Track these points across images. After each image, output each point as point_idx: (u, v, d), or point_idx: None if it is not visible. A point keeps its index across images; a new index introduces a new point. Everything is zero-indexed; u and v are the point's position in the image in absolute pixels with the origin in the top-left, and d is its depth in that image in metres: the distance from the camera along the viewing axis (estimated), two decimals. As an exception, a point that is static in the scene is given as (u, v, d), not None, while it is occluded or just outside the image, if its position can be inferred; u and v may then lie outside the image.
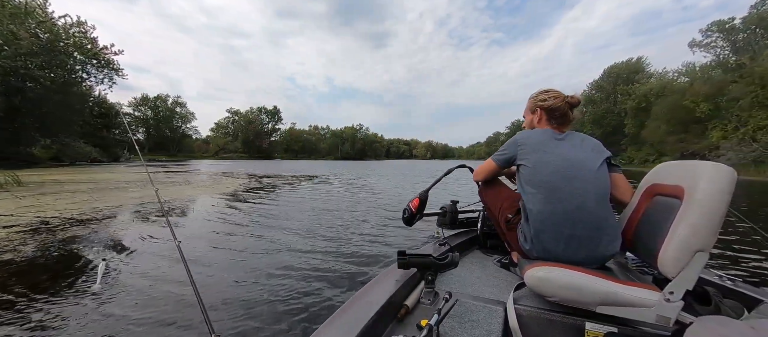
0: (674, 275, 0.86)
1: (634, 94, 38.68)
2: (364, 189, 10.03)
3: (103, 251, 3.23)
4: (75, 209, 5.41)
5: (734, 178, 0.86)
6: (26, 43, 19.11)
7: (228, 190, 8.91)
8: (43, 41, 21.13)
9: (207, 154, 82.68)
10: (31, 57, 19.85)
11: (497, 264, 1.58)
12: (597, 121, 47.23)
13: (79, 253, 3.16)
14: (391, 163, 58.42)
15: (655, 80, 39.25)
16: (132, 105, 70.91)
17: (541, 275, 1.00)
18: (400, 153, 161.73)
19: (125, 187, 9.10)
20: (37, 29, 21.09)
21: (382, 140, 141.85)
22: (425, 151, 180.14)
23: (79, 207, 5.56)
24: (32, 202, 5.98)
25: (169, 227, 1.38)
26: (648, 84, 38.20)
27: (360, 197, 7.97)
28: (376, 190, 9.88)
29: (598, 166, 1.16)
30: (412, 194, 2.27)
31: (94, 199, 6.54)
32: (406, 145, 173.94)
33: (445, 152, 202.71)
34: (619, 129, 43.05)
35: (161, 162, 39.98)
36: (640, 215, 1.13)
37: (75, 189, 8.20)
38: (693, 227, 0.85)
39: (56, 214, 4.93)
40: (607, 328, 0.94)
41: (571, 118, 1.35)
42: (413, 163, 71.80)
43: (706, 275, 1.22)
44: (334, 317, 0.88)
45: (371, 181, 13.37)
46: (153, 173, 16.20)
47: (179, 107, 76.57)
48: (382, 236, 3.99)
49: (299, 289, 2.35)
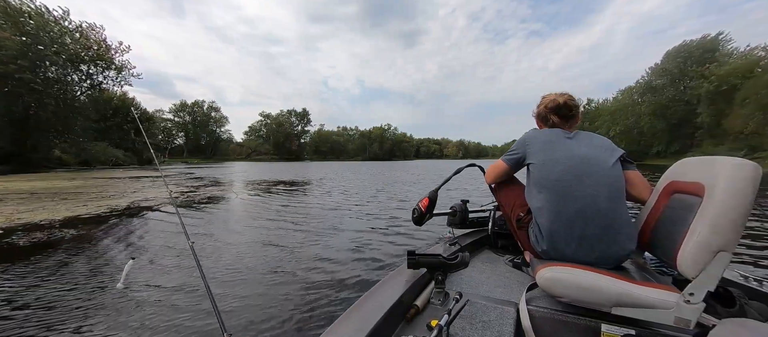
0: (694, 276, 0.82)
1: (711, 76, 31.25)
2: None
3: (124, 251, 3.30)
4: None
5: (759, 174, 0.82)
6: (14, 44, 18.49)
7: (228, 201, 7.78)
8: (37, 41, 20.44)
9: (241, 157, 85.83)
10: (21, 58, 19.25)
11: (509, 264, 1.57)
12: (660, 112, 39.65)
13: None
14: (416, 163, 55.83)
15: (737, 59, 31.76)
16: (172, 111, 75.47)
17: (552, 275, 0.96)
18: (431, 153, 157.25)
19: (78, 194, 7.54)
20: (34, 31, 20.42)
21: (411, 140, 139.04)
22: (457, 150, 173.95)
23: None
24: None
25: (183, 228, 1.35)
26: (731, 64, 30.86)
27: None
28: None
29: (612, 164, 1.12)
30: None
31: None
32: (436, 144, 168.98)
33: (479, 151, 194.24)
34: (690, 120, 35.62)
35: (193, 164, 41.26)
36: (659, 214, 1.08)
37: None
38: (713, 225, 0.81)
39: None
40: (624, 330, 0.89)
41: (569, 115, 1.33)
42: (435, 162, 69.94)
43: (731, 276, 1.17)
44: (344, 317, 0.88)
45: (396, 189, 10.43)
46: (167, 176, 15.97)
47: (214, 112, 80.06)
48: (392, 236, 3.99)
49: (310, 289, 2.37)
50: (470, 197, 2.01)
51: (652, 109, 39.91)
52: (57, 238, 3.73)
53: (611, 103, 55.18)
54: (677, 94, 38.02)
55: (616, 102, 52.81)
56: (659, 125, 39.47)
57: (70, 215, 5.21)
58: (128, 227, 4.41)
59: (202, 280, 1.01)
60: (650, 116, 40.05)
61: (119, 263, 2.87)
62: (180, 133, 76.97)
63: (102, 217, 5.09)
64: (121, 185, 10.70)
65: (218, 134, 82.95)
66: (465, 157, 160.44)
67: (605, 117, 52.22)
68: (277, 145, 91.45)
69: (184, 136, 77.30)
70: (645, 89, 43.83)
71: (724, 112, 28.40)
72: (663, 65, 41.52)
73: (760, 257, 3.02)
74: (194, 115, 77.88)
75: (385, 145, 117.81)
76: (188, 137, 77.56)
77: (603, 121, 51.92)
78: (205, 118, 78.70)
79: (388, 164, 45.62)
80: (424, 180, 14.29)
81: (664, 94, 39.56)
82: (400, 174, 19.03)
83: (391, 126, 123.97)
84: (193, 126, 77.49)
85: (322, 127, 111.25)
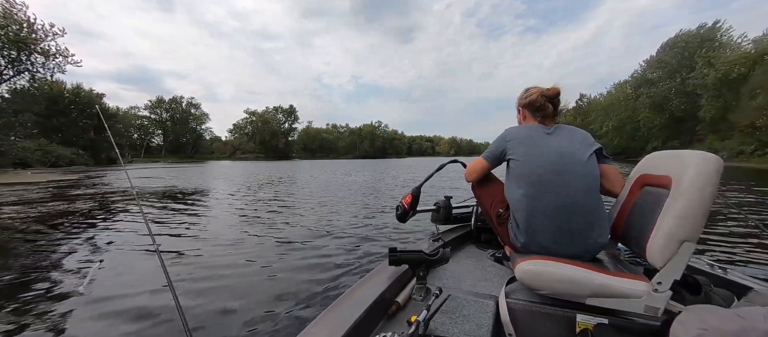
0: (661, 266, 0.86)
1: (717, 63, 28.82)
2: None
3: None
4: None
5: (720, 167, 0.85)
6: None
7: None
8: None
9: (224, 156, 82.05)
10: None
11: (491, 258, 1.59)
12: (658, 105, 37.73)
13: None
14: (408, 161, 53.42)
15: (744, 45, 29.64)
16: (148, 108, 71.22)
17: (530, 269, 1.00)
18: (423, 150, 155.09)
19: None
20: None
21: (403, 137, 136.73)
22: (449, 147, 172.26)
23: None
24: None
25: (148, 230, 1.33)
26: (737, 52, 28.43)
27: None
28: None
29: (587, 158, 1.15)
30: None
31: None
32: (428, 142, 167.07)
33: (471, 148, 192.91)
34: (692, 113, 33.64)
35: (168, 164, 38.24)
36: (630, 206, 1.11)
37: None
38: (679, 217, 0.85)
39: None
40: (597, 319, 0.94)
41: (552, 111, 1.34)
42: (428, 160, 67.54)
43: (698, 265, 1.21)
44: (323, 316, 0.88)
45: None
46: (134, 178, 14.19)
47: (194, 109, 76.06)
48: (375, 233, 3.94)
49: (288, 290, 2.31)
50: (453, 193, 1.83)
51: (651, 102, 37.89)
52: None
53: (605, 97, 53.35)
54: (676, 86, 35.98)
55: (609, 96, 50.98)
56: (658, 120, 37.48)
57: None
58: (92, 230, 4.27)
59: (166, 279, 0.94)
60: (649, 110, 38.05)
61: (83, 268, 2.81)
62: (158, 132, 72.90)
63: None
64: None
65: (199, 132, 78.86)
66: (458, 154, 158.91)
67: (598, 112, 50.37)
68: (263, 143, 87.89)
69: (162, 135, 73.25)
70: (640, 83, 41.85)
71: (732, 105, 26.30)
72: (659, 56, 39.54)
73: (724, 245, 3.18)
74: (172, 112, 73.77)
75: (377, 143, 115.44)
76: (166, 135, 73.51)
77: (596, 116, 50.07)
78: (184, 115, 74.63)
79: (373, 162, 43.03)
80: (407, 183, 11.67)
81: (662, 87, 37.56)
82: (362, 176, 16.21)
83: (382, 123, 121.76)
84: (172, 123, 73.41)
85: (311, 124, 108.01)
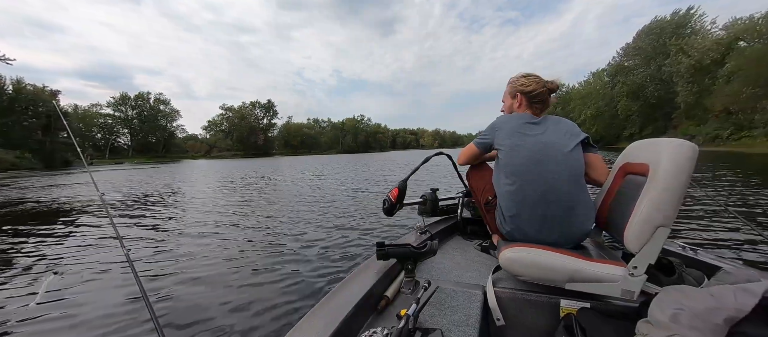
0: (637, 251, 0.90)
1: (691, 49, 29.25)
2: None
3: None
4: None
5: (695, 154, 0.87)
6: None
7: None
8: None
9: (199, 154, 78.04)
10: None
11: (477, 248, 1.60)
12: (634, 93, 38.18)
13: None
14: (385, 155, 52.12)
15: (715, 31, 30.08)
16: (110, 105, 66.22)
17: (512, 256, 1.03)
18: (407, 143, 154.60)
19: None
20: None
21: (386, 131, 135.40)
22: (433, 140, 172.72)
23: None
24: None
25: (116, 232, 1.28)
26: (709, 39, 28.88)
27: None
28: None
29: (572, 148, 1.16)
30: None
31: None
32: (412, 134, 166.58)
33: (454, 140, 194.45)
34: (668, 100, 34.24)
35: (137, 165, 35.62)
36: (613, 194, 1.14)
37: None
38: (654, 203, 0.88)
39: None
40: (580, 304, 0.98)
41: (549, 104, 1.37)
42: (411, 153, 66.81)
43: (671, 247, 1.25)
44: (312, 313, 0.87)
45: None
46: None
47: (163, 105, 71.52)
48: (363, 228, 3.91)
49: (274, 290, 2.27)
50: (440, 185, 1.86)
51: (627, 90, 38.33)
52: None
53: (583, 86, 54.03)
54: (652, 73, 36.48)
55: (587, 85, 51.62)
56: (634, 107, 37.98)
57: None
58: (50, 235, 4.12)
59: (136, 283, 0.92)
60: (625, 98, 38.49)
61: (37, 277, 2.72)
62: (124, 130, 68.05)
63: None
64: None
65: (170, 130, 74.34)
66: (442, 147, 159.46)
67: (577, 101, 50.96)
68: (241, 140, 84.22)
69: (129, 134, 68.48)
70: (616, 71, 42.33)
71: (708, 90, 26.64)
72: (635, 43, 40.00)
73: (696, 228, 3.35)
74: (139, 110, 69.00)
75: (360, 137, 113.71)
76: (134, 134, 68.80)
77: (575, 105, 50.64)
78: (152, 112, 69.99)
79: (355, 157, 41.72)
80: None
81: (638, 74, 38.03)
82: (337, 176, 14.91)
83: (365, 117, 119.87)
84: (139, 122, 68.72)
85: (291, 119, 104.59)
